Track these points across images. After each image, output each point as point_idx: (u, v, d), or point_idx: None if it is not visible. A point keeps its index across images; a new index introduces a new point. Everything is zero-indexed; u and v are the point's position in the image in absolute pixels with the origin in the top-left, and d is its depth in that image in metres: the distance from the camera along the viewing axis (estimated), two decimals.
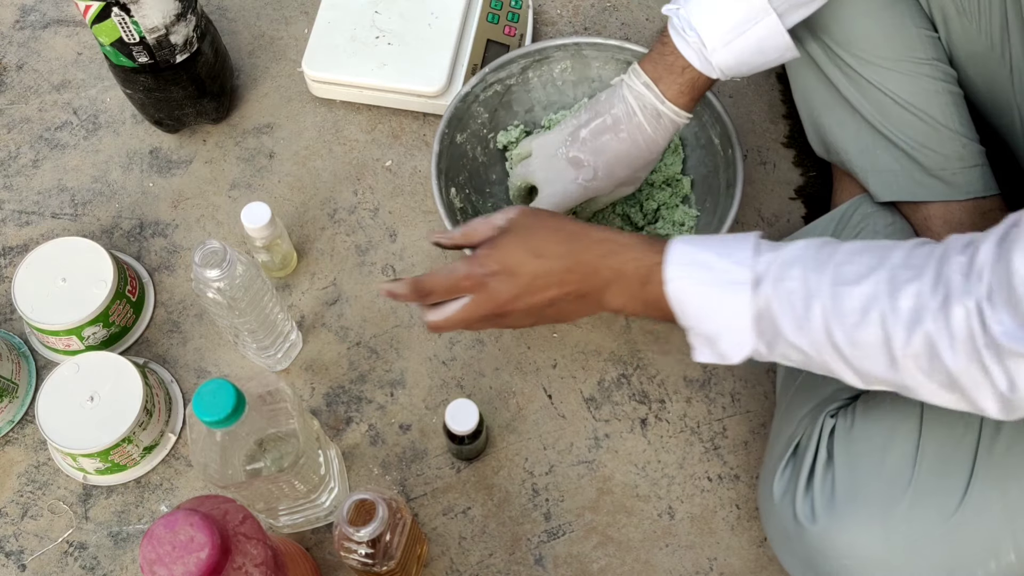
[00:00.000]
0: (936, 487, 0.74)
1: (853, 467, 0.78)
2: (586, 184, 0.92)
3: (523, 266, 0.74)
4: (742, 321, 0.68)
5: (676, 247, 0.71)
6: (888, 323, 0.62)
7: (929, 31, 0.92)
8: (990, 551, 0.73)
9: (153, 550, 0.62)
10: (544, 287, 0.74)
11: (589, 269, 0.73)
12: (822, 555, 0.77)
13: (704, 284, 0.69)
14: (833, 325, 0.64)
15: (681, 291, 0.69)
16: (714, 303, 0.69)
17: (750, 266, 0.67)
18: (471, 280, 0.75)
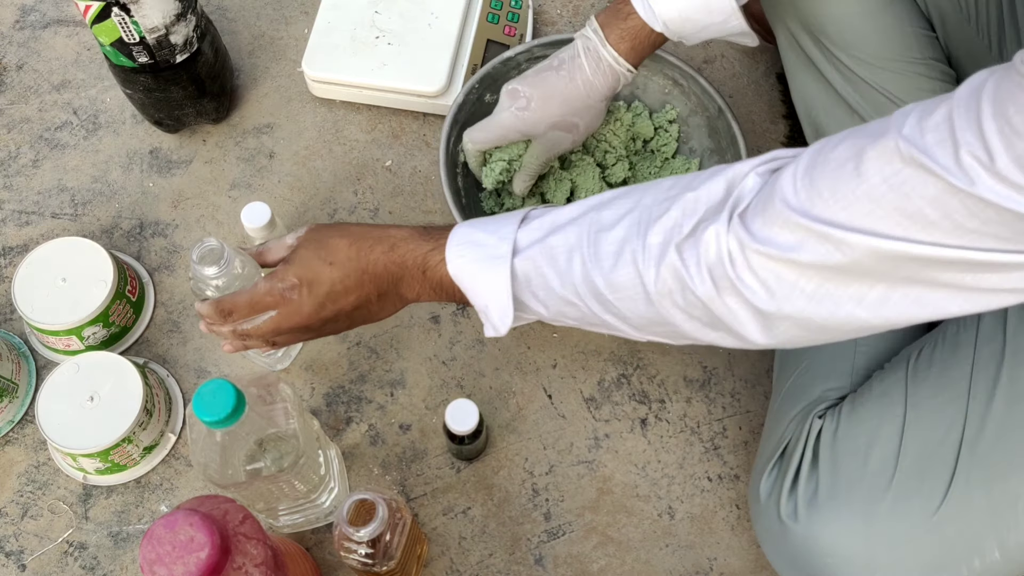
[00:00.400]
0: (918, 486, 0.75)
1: (836, 467, 0.79)
2: (518, 113, 0.92)
3: (319, 275, 0.76)
4: (502, 292, 0.70)
5: (458, 230, 0.74)
6: (639, 261, 0.64)
7: (927, 31, 0.92)
8: (974, 549, 0.73)
9: (153, 550, 0.62)
10: (343, 292, 0.76)
11: (379, 268, 0.76)
12: (806, 554, 0.78)
13: (473, 261, 0.72)
14: (592, 272, 0.66)
15: (458, 270, 0.72)
16: (481, 278, 0.71)
17: (511, 238, 0.70)
18: (272, 296, 0.76)
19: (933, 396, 0.77)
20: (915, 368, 0.80)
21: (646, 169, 1.06)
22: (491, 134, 0.95)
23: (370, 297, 0.77)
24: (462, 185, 1.02)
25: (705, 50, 1.19)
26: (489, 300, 0.72)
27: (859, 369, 0.87)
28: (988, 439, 0.74)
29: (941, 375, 0.78)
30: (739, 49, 1.19)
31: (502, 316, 0.72)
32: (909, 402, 0.78)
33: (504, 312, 0.71)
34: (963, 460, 0.74)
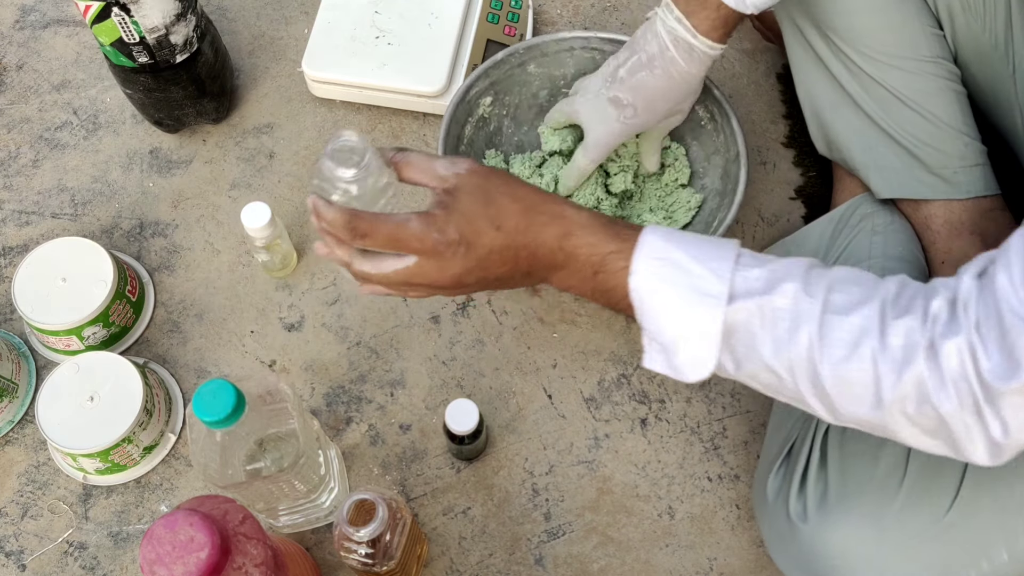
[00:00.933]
0: (928, 488, 0.74)
1: (845, 468, 0.78)
2: (627, 122, 0.92)
3: (481, 237, 0.66)
4: (708, 336, 0.62)
5: (649, 238, 0.65)
6: (879, 362, 0.59)
7: (935, 28, 0.92)
8: (982, 551, 0.73)
9: (153, 550, 0.62)
10: (498, 263, 0.67)
11: (543, 251, 0.67)
12: (814, 555, 0.78)
13: (674, 286, 0.63)
14: (818, 355, 0.60)
15: (646, 287, 0.64)
16: (680, 310, 0.63)
17: (727, 279, 0.62)
18: (423, 243, 0.65)
19: None
20: None
21: (652, 190, 1.05)
22: (605, 149, 0.95)
23: (516, 274, 0.68)
24: None
25: None
26: (682, 337, 0.63)
27: None
28: None
29: None
30: (739, 49, 1.19)
31: (696, 363, 0.64)
32: None
33: (702, 361, 0.63)
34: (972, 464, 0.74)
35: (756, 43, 1.20)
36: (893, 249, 0.95)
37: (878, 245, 0.95)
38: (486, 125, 1.06)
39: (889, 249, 0.95)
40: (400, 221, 0.65)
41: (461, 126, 1.03)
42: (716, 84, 1.00)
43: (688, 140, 1.06)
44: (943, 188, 0.94)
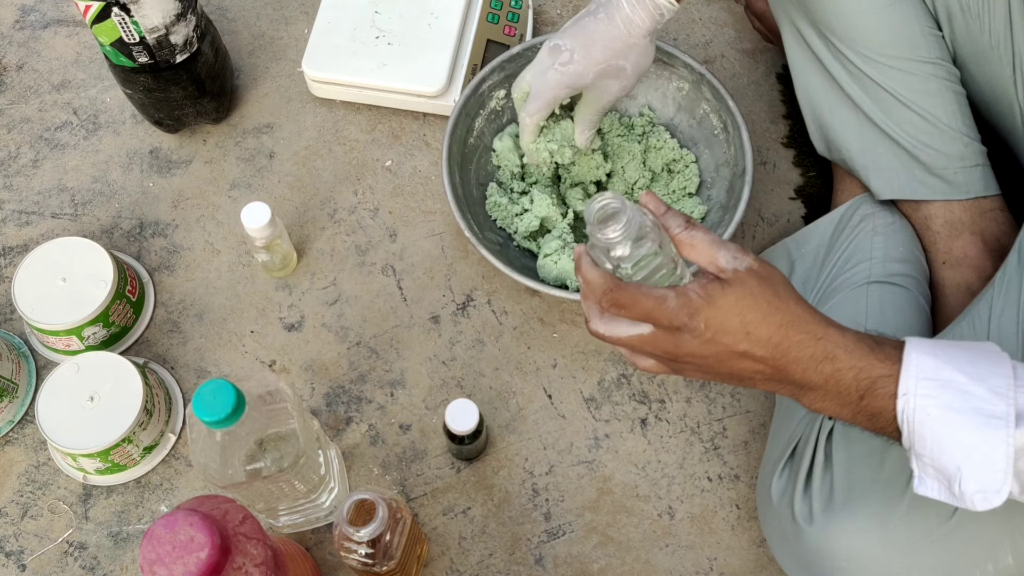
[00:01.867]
0: None
1: (851, 469, 0.78)
2: (561, 68, 0.88)
3: (726, 336, 0.64)
4: (996, 464, 0.58)
5: (914, 356, 0.61)
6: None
7: (933, 29, 0.92)
8: (987, 554, 0.73)
9: (153, 550, 0.62)
10: (736, 359, 0.65)
11: (795, 367, 0.64)
12: (819, 557, 0.77)
13: (952, 411, 0.59)
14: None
15: (921, 413, 0.60)
16: (961, 436, 0.59)
17: (1011, 398, 0.58)
18: (670, 321, 0.64)
19: None
20: None
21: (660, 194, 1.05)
22: (542, 100, 0.90)
23: (757, 375, 0.65)
24: (462, 185, 1.02)
25: (705, 50, 1.19)
26: (967, 467, 0.59)
27: None
28: None
29: None
30: (739, 49, 1.19)
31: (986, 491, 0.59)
32: None
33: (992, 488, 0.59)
34: None
35: (756, 43, 1.20)
36: (894, 250, 0.95)
37: (879, 245, 0.95)
38: (498, 118, 1.06)
39: (890, 250, 0.95)
40: (659, 298, 0.63)
41: (472, 118, 1.04)
42: (731, 95, 1.00)
43: (700, 148, 1.06)
44: (943, 189, 0.94)
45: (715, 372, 0.66)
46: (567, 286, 0.98)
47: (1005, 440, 0.58)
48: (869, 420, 0.63)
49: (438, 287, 1.05)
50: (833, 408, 0.65)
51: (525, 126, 0.94)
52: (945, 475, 0.60)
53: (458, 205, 0.97)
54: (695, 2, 1.23)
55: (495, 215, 1.04)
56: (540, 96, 0.91)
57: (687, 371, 0.67)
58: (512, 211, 1.03)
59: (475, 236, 0.95)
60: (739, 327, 0.63)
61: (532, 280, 0.95)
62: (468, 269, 1.06)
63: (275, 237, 0.98)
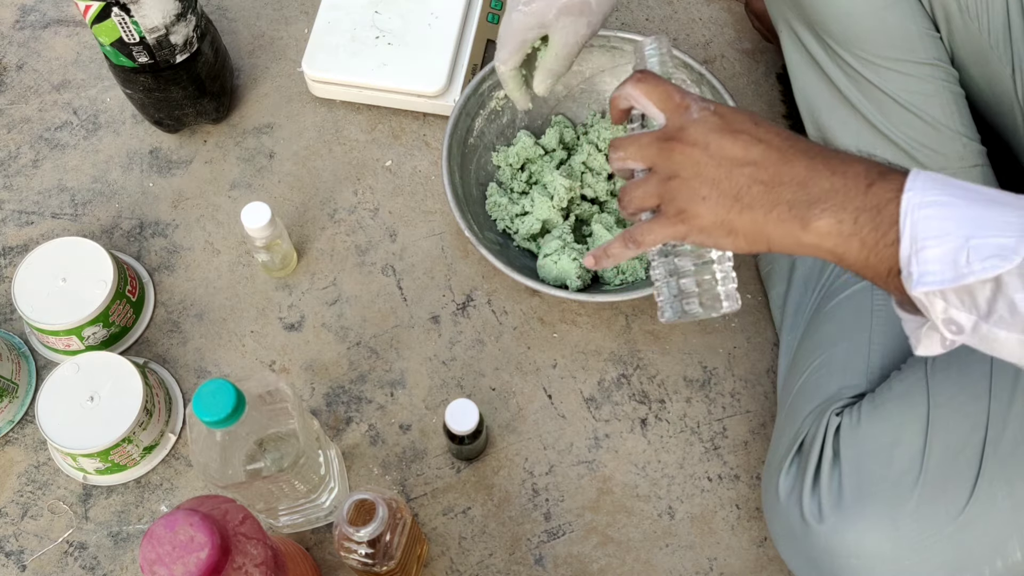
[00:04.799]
0: (944, 485, 0.74)
1: (860, 465, 0.78)
2: (525, 9, 0.85)
3: (734, 120, 0.62)
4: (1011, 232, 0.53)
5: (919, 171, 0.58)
6: None
7: (931, 30, 0.92)
8: (997, 549, 0.73)
9: (153, 550, 0.62)
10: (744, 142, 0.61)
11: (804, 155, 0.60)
12: (829, 554, 0.77)
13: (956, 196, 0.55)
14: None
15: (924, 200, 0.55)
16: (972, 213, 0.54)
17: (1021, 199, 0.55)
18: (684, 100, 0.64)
19: (955, 396, 0.77)
20: (935, 367, 0.80)
21: None
22: (510, 45, 0.88)
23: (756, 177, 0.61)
24: (462, 185, 1.02)
25: (705, 50, 1.19)
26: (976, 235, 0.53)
27: (874, 367, 0.86)
28: (1010, 439, 0.74)
29: (961, 374, 0.78)
30: (739, 49, 1.19)
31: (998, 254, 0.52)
32: (932, 402, 0.78)
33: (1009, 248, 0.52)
34: (987, 460, 0.74)
35: (756, 43, 1.20)
36: None
37: None
38: (498, 118, 1.06)
39: None
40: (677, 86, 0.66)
41: (472, 118, 1.04)
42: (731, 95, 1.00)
43: None
44: None
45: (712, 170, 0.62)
46: (567, 286, 0.98)
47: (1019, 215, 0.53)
48: (871, 222, 0.57)
49: (438, 287, 1.05)
50: (834, 208, 0.58)
51: (503, 75, 0.91)
52: (951, 254, 0.54)
53: (458, 205, 0.97)
54: (695, 2, 1.23)
55: (495, 215, 1.04)
56: (508, 41, 0.88)
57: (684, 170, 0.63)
58: (512, 211, 1.03)
59: (475, 236, 0.96)
60: (748, 117, 0.63)
61: (532, 280, 0.95)
62: (468, 269, 1.06)
63: (275, 237, 0.98)
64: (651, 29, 1.21)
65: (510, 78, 0.92)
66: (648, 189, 0.66)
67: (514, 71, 0.90)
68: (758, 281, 1.06)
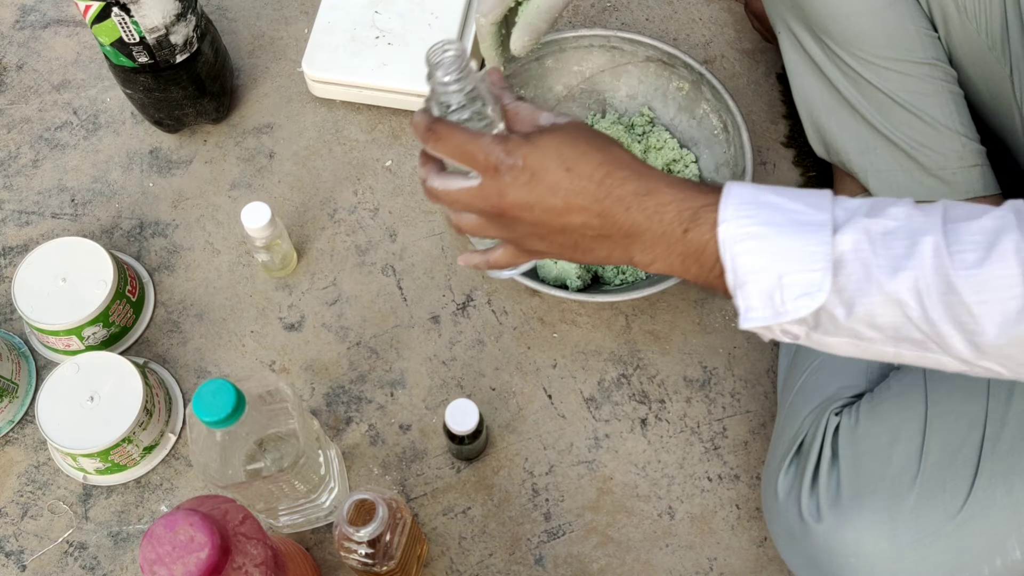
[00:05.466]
0: (942, 484, 0.74)
1: (858, 465, 0.78)
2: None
3: (547, 174, 0.62)
4: (816, 263, 0.55)
5: (736, 188, 0.59)
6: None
7: (929, 31, 0.92)
8: (996, 548, 0.73)
9: (153, 550, 0.62)
10: (562, 209, 0.62)
11: (619, 206, 0.61)
12: (828, 553, 0.77)
13: (772, 225, 0.56)
14: (951, 264, 0.53)
15: (738, 234, 0.57)
16: (781, 245, 0.56)
17: (827, 208, 0.56)
18: (488, 160, 0.62)
19: (953, 394, 0.77)
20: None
21: None
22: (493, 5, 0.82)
23: (587, 229, 0.63)
24: None
25: (705, 50, 1.19)
26: (788, 272, 0.56)
27: (874, 368, 0.86)
28: (1008, 438, 0.74)
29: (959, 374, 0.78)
30: (739, 49, 1.19)
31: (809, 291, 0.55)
32: (930, 400, 0.78)
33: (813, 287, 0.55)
34: (985, 459, 0.74)
35: (756, 43, 1.20)
36: None
37: None
38: None
39: None
40: (475, 133, 0.63)
41: None
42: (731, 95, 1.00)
43: (700, 148, 1.06)
44: (942, 189, 0.94)
45: (544, 229, 0.64)
46: (567, 286, 0.98)
47: (824, 241, 0.55)
48: (697, 259, 0.60)
49: (438, 287, 1.05)
50: (661, 252, 0.61)
51: (481, 29, 0.85)
52: (767, 292, 0.57)
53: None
54: (695, 2, 1.23)
55: None
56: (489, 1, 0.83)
57: (517, 231, 0.65)
58: None
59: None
60: (559, 164, 0.61)
61: (532, 280, 0.95)
62: (468, 269, 1.06)
63: (275, 237, 0.98)
64: (651, 29, 1.21)
65: (488, 33, 0.85)
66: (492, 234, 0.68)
67: (493, 26, 0.85)
68: None
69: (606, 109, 1.10)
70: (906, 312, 0.55)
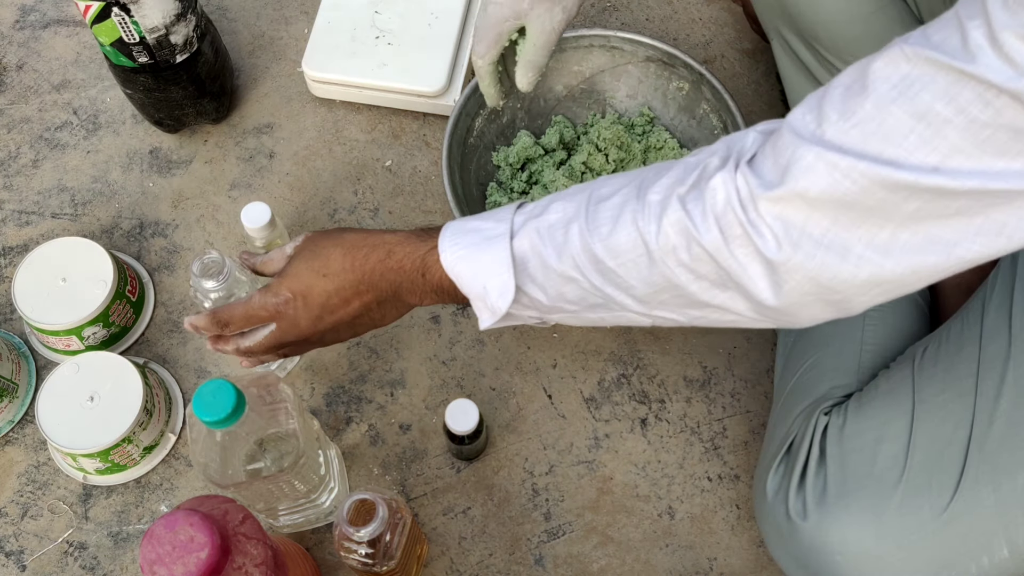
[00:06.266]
0: (927, 483, 0.75)
1: (844, 463, 0.79)
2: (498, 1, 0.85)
3: (313, 289, 0.75)
4: (502, 268, 0.68)
5: (448, 225, 0.72)
6: (639, 220, 0.61)
7: None
8: (983, 546, 0.73)
9: (153, 550, 0.62)
10: (341, 304, 0.75)
11: (375, 276, 0.74)
12: (814, 551, 0.78)
13: (467, 247, 0.69)
14: (591, 239, 0.63)
15: (453, 260, 0.69)
16: (479, 261, 0.68)
17: (508, 220, 0.69)
18: (267, 310, 0.75)
19: (940, 393, 0.77)
20: (921, 366, 0.80)
21: None
22: (487, 38, 0.87)
23: (370, 305, 0.76)
24: (462, 185, 1.02)
25: (705, 50, 1.19)
26: (488, 280, 0.68)
27: (865, 367, 0.87)
28: (996, 436, 0.74)
29: (947, 372, 0.78)
30: (739, 49, 1.19)
31: (502, 292, 0.68)
32: (917, 399, 0.78)
33: (505, 287, 0.68)
34: (972, 457, 0.74)
35: (756, 43, 1.20)
36: None
37: None
38: (499, 117, 1.07)
39: None
40: (245, 300, 0.76)
41: (472, 118, 1.04)
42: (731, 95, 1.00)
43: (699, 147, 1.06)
44: None
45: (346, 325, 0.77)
46: None
47: (503, 248, 0.67)
48: (442, 292, 0.72)
49: None
50: (422, 295, 0.74)
51: (479, 69, 0.90)
52: (481, 299, 0.69)
53: (458, 205, 0.97)
54: (695, 2, 1.23)
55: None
56: (484, 34, 0.88)
57: (328, 337, 0.78)
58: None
59: None
60: (314, 275, 0.74)
61: None
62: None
63: (275, 237, 0.98)
64: (651, 29, 1.21)
65: (486, 73, 0.90)
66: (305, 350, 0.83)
67: (491, 66, 0.90)
68: None
69: (606, 109, 1.10)
70: (580, 285, 0.66)
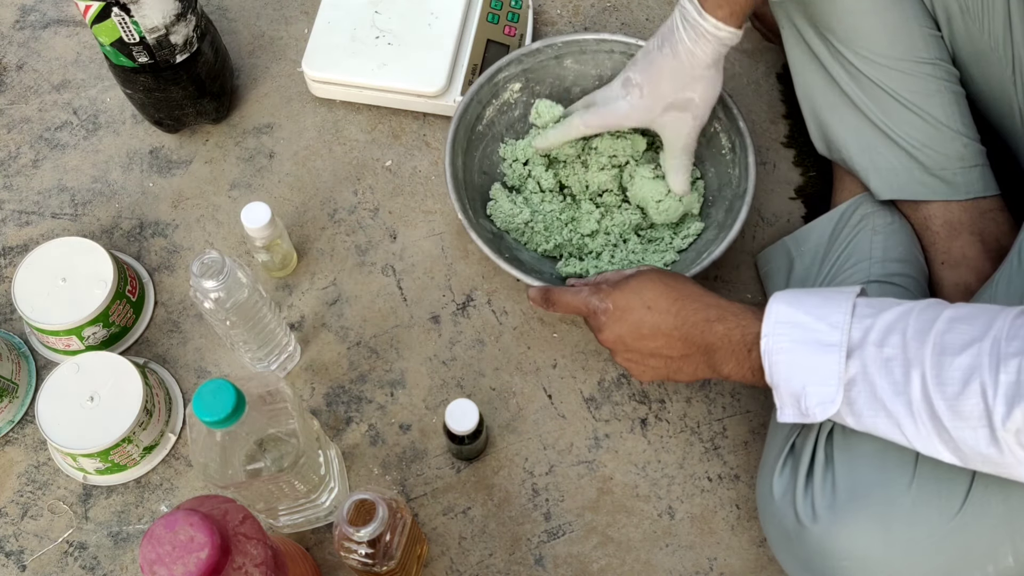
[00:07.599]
0: (937, 489, 0.74)
1: (853, 467, 0.78)
2: (632, 101, 0.93)
3: (631, 312, 0.80)
4: (831, 380, 0.69)
5: (774, 306, 0.72)
6: (988, 395, 0.62)
7: (932, 30, 0.92)
8: (988, 554, 0.73)
9: (153, 550, 0.62)
10: (648, 336, 0.79)
11: (695, 331, 0.77)
12: (821, 555, 0.77)
13: (796, 342, 0.70)
14: (934, 395, 0.64)
15: (773, 348, 0.71)
16: (803, 360, 0.70)
17: (845, 330, 0.69)
18: (587, 309, 0.83)
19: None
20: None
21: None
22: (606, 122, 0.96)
23: (671, 354, 0.79)
24: (464, 170, 1.02)
25: None
26: (810, 384, 0.70)
27: None
28: None
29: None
30: (739, 49, 1.19)
31: (824, 403, 0.70)
32: None
33: (829, 400, 0.69)
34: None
35: (756, 43, 1.20)
36: (893, 249, 0.95)
37: (878, 245, 0.95)
38: (511, 110, 1.07)
39: (889, 249, 0.95)
40: (576, 291, 0.85)
41: (483, 106, 1.04)
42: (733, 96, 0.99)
43: (707, 166, 1.05)
44: (942, 189, 0.94)
45: (641, 357, 0.82)
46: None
47: (838, 361, 0.69)
48: (760, 372, 0.73)
49: (438, 287, 1.05)
50: (735, 367, 0.76)
51: (572, 126, 0.98)
52: (795, 396, 0.71)
53: (456, 188, 0.97)
54: None
55: (499, 221, 1.03)
56: (606, 118, 0.96)
57: (622, 358, 0.83)
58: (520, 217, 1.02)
59: (468, 221, 0.96)
60: (640, 304, 0.80)
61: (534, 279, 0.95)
62: (468, 269, 1.06)
63: (275, 237, 0.98)
64: (651, 29, 1.21)
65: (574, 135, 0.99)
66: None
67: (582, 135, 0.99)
68: (757, 281, 1.06)
69: None
70: (905, 429, 0.67)
